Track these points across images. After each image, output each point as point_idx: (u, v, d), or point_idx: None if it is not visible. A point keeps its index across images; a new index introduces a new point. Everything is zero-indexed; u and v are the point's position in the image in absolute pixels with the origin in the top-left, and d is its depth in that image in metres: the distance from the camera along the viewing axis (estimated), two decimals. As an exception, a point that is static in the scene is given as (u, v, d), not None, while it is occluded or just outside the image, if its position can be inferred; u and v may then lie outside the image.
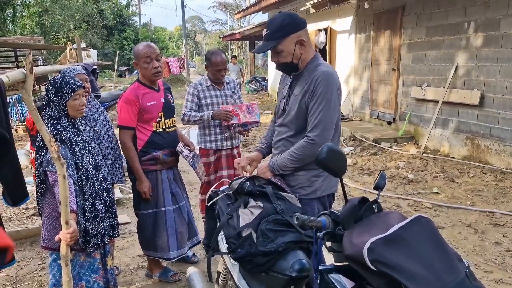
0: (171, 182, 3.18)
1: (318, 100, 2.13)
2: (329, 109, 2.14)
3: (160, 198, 3.12)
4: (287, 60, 2.20)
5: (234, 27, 41.01)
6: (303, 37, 2.19)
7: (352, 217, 1.53)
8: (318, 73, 2.15)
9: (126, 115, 3.00)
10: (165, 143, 3.11)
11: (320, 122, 2.14)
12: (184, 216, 3.23)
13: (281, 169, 2.28)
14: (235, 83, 3.87)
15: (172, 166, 3.21)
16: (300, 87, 2.22)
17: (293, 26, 2.16)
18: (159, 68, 3.02)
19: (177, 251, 3.18)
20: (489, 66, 6.14)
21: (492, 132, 6.13)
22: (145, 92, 3.05)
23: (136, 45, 3.11)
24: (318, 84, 2.13)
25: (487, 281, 3.22)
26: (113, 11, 34.77)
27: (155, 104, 3.05)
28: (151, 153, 3.07)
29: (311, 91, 2.16)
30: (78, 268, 2.43)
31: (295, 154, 2.21)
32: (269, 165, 2.34)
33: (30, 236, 4.10)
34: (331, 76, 2.16)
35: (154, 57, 2.99)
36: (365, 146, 7.62)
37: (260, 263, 1.79)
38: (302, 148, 2.18)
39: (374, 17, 8.86)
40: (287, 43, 2.17)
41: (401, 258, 1.28)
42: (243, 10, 16.53)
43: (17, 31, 25.11)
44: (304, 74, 2.23)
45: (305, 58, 2.23)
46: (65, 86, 2.32)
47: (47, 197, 2.34)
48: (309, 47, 2.23)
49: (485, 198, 4.98)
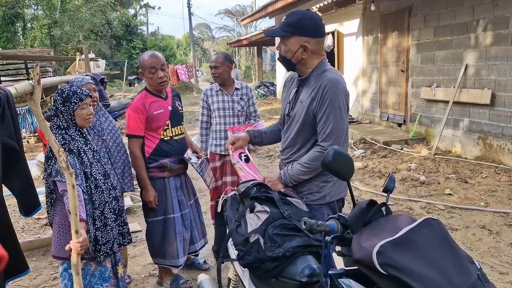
0: (177, 189, 3.18)
1: (328, 109, 2.11)
2: (340, 117, 2.13)
3: (168, 205, 3.14)
4: (287, 55, 2.21)
5: (241, 33, 41.19)
6: (310, 45, 2.15)
7: (361, 220, 1.51)
8: (325, 80, 2.13)
9: (134, 123, 3.03)
10: (173, 150, 3.13)
11: (332, 132, 2.12)
12: (186, 224, 3.24)
13: (294, 180, 2.25)
14: (248, 89, 3.86)
15: (179, 174, 3.22)
16: (307, 94, 2.20)
17: (306, 30, 2.14)
18: (164, 78, 3.04)
19: (183, 258, 3.21)
20: (499, 64, 6.07)
21: (504, 131, 6.05)
22: (153, 100, 3.07)
23: (141, 55, 3.12)
24: (326, 92, 2.11)
25: (504, 283, 3.16)
26: (121, 21, 35.15)
27: (162, 113, 3.07)
28: (159, 161, 3.09)
29: (319, 99, 2.13)
30: (89, 277, 2.43)
31: (307, 165, 2.18)
32: (280, 177, 2.29)
33: (42, 246, 4.14)
34: (338, 83, 2.14)
35: (159, 67, 3.00)
36: (375, 149, 7.56)
37: (269, 269, 1.77)
38: (315, 159, 2.15)
39: (381, 19, 8.83)
40: (292, 41, 2.16)
41: (411, 261, 1.26)
42: (249, 16, 16.57)
43: (28, 44, 25.50)
44: (311, 79, 2.22)
45: (307, 64, 2.22)
46: (72, 96, 2.34)
47: (57, 207, 2.35)
48: (314, 55, 2.20)
49: (499, 198, 4.90)
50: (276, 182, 2.29)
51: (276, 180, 2.30)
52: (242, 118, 3.75)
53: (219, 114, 3.71)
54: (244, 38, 20.79)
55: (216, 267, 2.16)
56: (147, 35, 42.12)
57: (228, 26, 49.17)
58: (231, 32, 46.86)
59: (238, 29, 45.04)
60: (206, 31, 56.21)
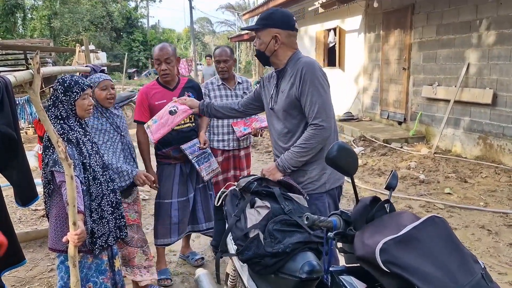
0: (184, 175, 3.28)
1: (310, 89, 2.21)
2: (324, 93, 2.23)
3: (168, 190, 3.26)
4: (261, 48, 2.35)
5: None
6: (281, 36, 2.29)
7: (364, 217, 1.49)
8: (301, 65, 2.27)
9: (139, 110, 3.25)
10: (174, 140, 3.20)
11: (321, 108, 2.21)
12: (184, 209, 3.32)
13: (292, 165, 2.26)
14: (249, 83, 3.81)
15: (187, 161, 3.27)
16: (286, 82, 2.32)
17: (277, 22, 2.30)
18: (167, 71, 3.16)
19: (176, 238, 3.32)
20: (501, 64, 6.04)
21: (505, 131, 6.03)
22: (157, 91, 3.22)
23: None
24: (305, 74, 2.22)
25: (502, 284, 3.15)
26: (121, 13, 35.02)
27: (164, 103, 3.12)
28: (162, 150, 3.24)
29: (298, 82, 2.24)
30: (86, 270, 2.41)
31: (304, 145, 2.22)
32: (278, 164, 2.30)
33: (39, 237, 4.11)
34: (313, 64, 2.27)
35: (163, 60, 3.13)
36: (375, 147, 7.54)
37: (269, 265, 1.75)
38: (311, 137, 2.21)
39: (384, 16, 8.78)
40: (265, 33, 2.32)
41: (414, 259, 1.24)
42: (251, 10, 16.47)
43: (27, 34, 25.40)
44: (287, 69, 2.34)
45: (281, 55, 2.34)
46: (74, 86, 2.31)
47: (54, 198, 2.32)
48: (286, 47, 2.33)
49: (498, 198, 4.89)
50: (274, 171, 2.30)
51: (274, 169, 2.31)
52: None
53: None
54: (245, 33, 20.69)
55: (215, 262, 2.14)
56: (148, 28, 41.97)
57: (229, 20, 49.03)
58: (232, 27, 46.73)
59: (239, 23, 44.91)
60: (206, 25, 56.07)
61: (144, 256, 2.89)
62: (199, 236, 3.97)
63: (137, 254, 2.86)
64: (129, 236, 2.80)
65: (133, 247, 2.85)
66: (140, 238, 2.90)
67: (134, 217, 2.91)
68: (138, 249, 2.86)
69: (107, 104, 2.81)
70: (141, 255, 2.88)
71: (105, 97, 2.77)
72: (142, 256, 2.88)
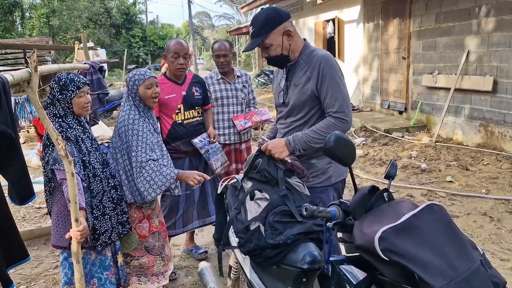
0: (195, 168, 3.28)
1: (331, 83, 2.17)
2: (343, 87, 2.20)
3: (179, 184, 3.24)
4: (277, 52, 2.24)
5: (241, 21, 40.89)
6: (289, 28, 2.22)
7: (363, 206, 1.49)
8: (318, 58, 2.20)
9: None
10: (184, 134, 3.26)
11: (343, 102, 2.17)
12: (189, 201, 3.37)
13: (303, 148, 2.18)
14: (248, 76, 3.81)
15: (195, 154, 3.32)
16: (299, 76, 2.25)
17: (277, 19, 2.20)
18: (184, 65, 3.20)
19: (180, 229, 3.37)
20: (501, 51, 6.01)
21: (506, 118, 6.02)
22: (166, 86, 3.23)
23: (169, 40, 3.32)
24: (323, 69, 2.17)
25: (504, 270, 3.16)
26: (120, 10, 34.90)
27: (174, 97, 3.23)
28: (171, 144, 3.24)
29: (316, 76, 2.18)
30: (89, 266, 2.43)
31: (322, 132, 2.15)
32: (288, 143, 2.18)
33: (43, 235, 4.14)
34: (331, 58, 2.22)
35: (182, 55, 3.17)
36: (376, 137, 7.54)
37: (270, 256, 1.76)
38: (332, 127, 2.14)
39: (382, 5, 8.73)
40: (274, 36, 2.20)
41: (413, 247, 1.24)
42: (249, 3, 16.38)
43: (26, 33, 25.35)
44: (300, 62, 2.27)
45: (295, 48, 2.28)
46: (70, 84, 2.30)
47: (56, 196, 2.34)
48: (296, 37, 2.28)
49: (500, 185, 4.89)
50: (282, 149, 2.16)
51: (282, 146, 2.17)
52: (244, 106, 3.72)
53: (222, 103, 3.61)
54: (244, 26, 20.61)
55: (217, 255, 2.15)
56: (146, 23, 41.81)
57: (227, 14, 48.90)
58: (231, 20, 46.56)
59: (238, 17, 44.73)
60: (205, 20, 55.87)
61: (162, 263, 2.78)
62: (202, 230, 3.99)
63: (156, 262, 2.75)
64: (151, 244, 2.70)
65: (153, 255, 2.73)
66: (160, 245, 2.78)
67: (156, 224, 2.77)
68: (157, 257, 2.75)
69: (151, 104, 2.67)
70: (160, 262, 2.77)
71: (150, 96, 2.63)
72: (161, 262, 2.78)
